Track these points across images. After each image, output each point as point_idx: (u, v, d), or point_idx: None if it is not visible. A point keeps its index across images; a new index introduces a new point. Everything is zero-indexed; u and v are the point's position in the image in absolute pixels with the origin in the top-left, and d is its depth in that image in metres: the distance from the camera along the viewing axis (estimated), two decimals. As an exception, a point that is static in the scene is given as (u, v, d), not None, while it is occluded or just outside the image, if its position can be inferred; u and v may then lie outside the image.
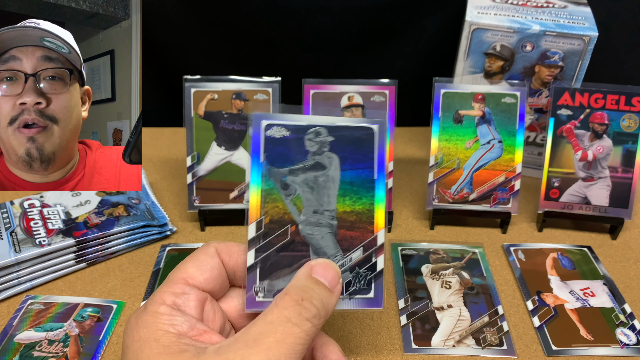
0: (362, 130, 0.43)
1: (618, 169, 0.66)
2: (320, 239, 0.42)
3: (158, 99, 0.95)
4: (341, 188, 0.42)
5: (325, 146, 0.42)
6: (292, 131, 0.42)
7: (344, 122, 0.42)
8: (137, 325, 0.35)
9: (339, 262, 0.42)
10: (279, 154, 0.41)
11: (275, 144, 0.41)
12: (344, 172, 0.42)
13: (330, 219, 0.42)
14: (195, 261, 0.40)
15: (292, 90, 0.68)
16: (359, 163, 0.42)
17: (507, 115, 0.67)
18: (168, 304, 0.36)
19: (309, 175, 0.42)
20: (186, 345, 0.34)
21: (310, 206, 0.42)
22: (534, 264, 0.63)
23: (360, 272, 0.42)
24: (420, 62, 0.91)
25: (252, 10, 0.86)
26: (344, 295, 0.42)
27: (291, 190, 0.42)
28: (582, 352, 0.52)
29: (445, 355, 0.52)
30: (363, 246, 0.42)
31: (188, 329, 0.35)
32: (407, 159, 0.85)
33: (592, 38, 0.67)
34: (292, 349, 0.33)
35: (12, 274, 0.57)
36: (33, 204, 0.65)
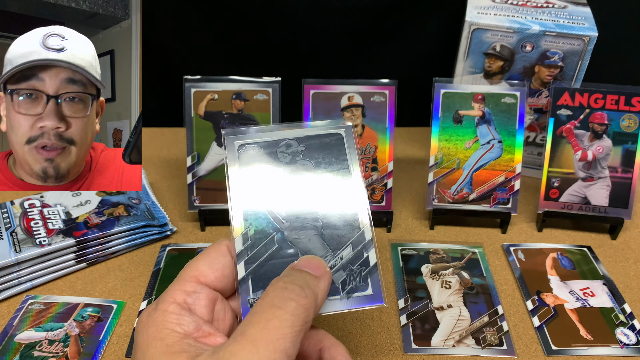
0: (330, 137, 0.44)
1: (618, 169, 0.66)
2: (307, 242, 0.42)
3: (158, 99, 0.95)
4: (320, 190, 0.43)
5: (297, 155, 0.44)
6: (264, 147, 0.44)
7: (312, 132, 0.44)
8: (147, 324, 0.35)
9: (331, 262, 0.42)
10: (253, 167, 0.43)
11: (249, 159, 0.43)
12: (319, 175, 0.44)
13: (314, 221, 0.42)
14: (207, 259, 0.40)
15: (292, 90, 0.68)
16: (333, 165, 0.44)
17: (507, 115, 0.67)
18: (178, 302, 0.36)
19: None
20: (188, 345, 0.34)
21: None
22: (533, 264, 0.63)
23: (354, 269, 0.42)
24: (420, 62, 0.91)
25: (252, 10, 0.86)
26: (341, 294, 0.42)
27: None
28: (582, 352, 0.52)
29: (445, 355, 0.52)
30: (352, 242, 0.42)
31: (194, 330, 0.35)
32: (407, 159, 0.85)
33: (592, 38, 0.67)
34: (278, 332, 0.32)
35: (13, 273, 0.57)
36: (33, 204, 0.65)
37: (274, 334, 0.31)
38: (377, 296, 0.42)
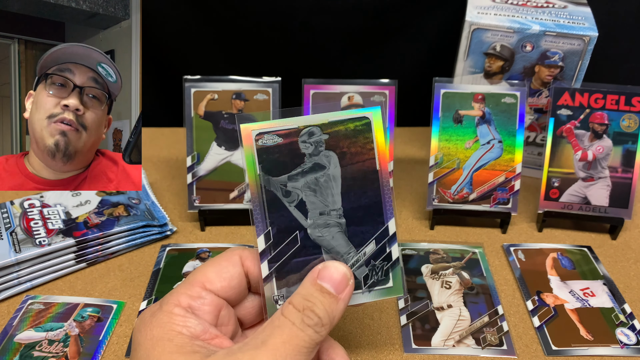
0: (357, 121, 0.41)
1: (618, 169, 0.66)
2: (330, 239, 0.41)
3: (158, 99, 0.95)
4: (344, 185, 0.41)
5: (321, 145, 0.41)
6: (284, 136, 0.40)
7: (336, 117, 0.41)
8: (151, 324, 0.35)
9: (354, 258, 0.41)
10: (274, 162, 0.40)
11: (268, 153, 0.40)
12: (344, 168, 0.41)
13: (337, 218, 0.41)
14: (217, 267, 0.40)
15: (292, 90, 0.68)
16: (358, 156, 0.41)
17: (507, 115, 0.67)
18: (183, 306, 0.37)
19: (309, 178, 0.41)
20: (199, 347, 0.34)
21: (316, 209, 0.41)
22: (533, 264, 0.63)
23: (376, 264, 0.42)
24: (420, 62, 0.91)
25: (252, 10, 0.86)
26: (363, 289, 0.42)
27: (293, 197, 0.41)
28: (582, 352, 0.52)
29: (445, 355, 0.52)
30: (375, 238, 0.42)
31: (201, 332, 0.36)
32: (407, 159, 0.85)
33: (592, 38, 0.67)
34: (297, 350, 0.34)
35: (12, 274, 0.57)
36: (33, 204, 0.65)
37: (293, 350, 0.34)
38: (398, 288, 0.42)
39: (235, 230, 0.69)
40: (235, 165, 0.67)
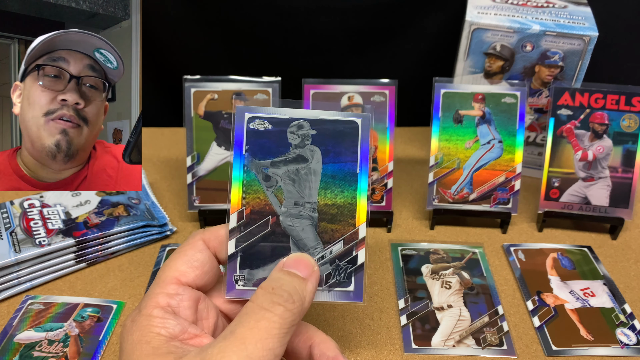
0: (346, 124, 0.43)
1: (618, 169, 0.66)
2: (300, 230, 0.42)
3: (158, 99, 0.95)
4: (323, 181, 0.43)
5: (307, 139, 0.43)
6: (275, 124, 0.43)
7: (327, 116, 0.43)
8: (132, 328, 0.36)
9: (319, 254, 0.42)
10: (261, 146, 0.42)
11: (257, 137, 0.42)
12: (326, 165, 0.43)
13: (311, 211, 0.42)
14: (185, 257, 0.39)
15: (292, 90, 0.68)
16: (341, 156, 0.43)
17: (507, 115, 0.67)
18: (162, 306, 0.37)
19: (290, 168, 0.43)
20: (175, 347, 0.34)
21: (291, 198, 0.42)
22: (534, 264, 0.63)
23: (340, 265, 0.42)
24: (420, 62, 0.91)
25: (252, 10, 0.86)
26: (323, 287, 0.42)
27: (272, 182, 0.42)
28: (582, 352, 0.52)
29: (445, 355, 0.52)
30: (344, 239, 0.42)
31: (179, 332, 0.36)
32: (407, 159, 0.85)
33: (592, 38, 0.67)
34: (266, 333, 0.33)
35: (12, 274, 0.57)
36: (33, 204, 0.65)
37: (262, 334, 0.33)
38: (358, 294, 0.43)
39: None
40: (235, 165, 0.67)
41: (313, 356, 0.40)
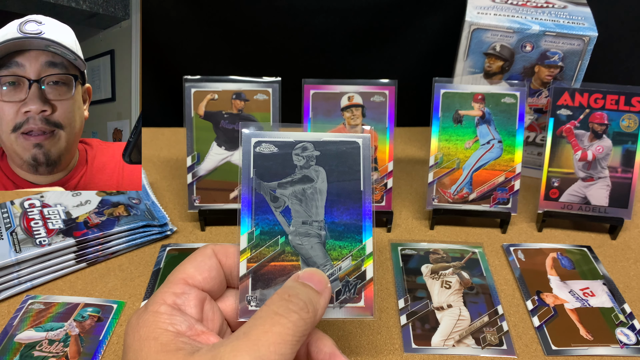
0: (348, 144, 0.45)
1: (618, 169, 0.66)
2: (309, 248, 0.43)
3: (158, 99, 0.95)
4: (328, 200, 0.44)
5: (312, 160, 0.44)
6: (280, 147, 0.44)
7: (330, 137, 0.45)
8: (138, 325, 0.36)
9: (329, 271, 0.43)
10: (267, 169, 0.44)
11: (264, 160, 0.44)
12: (330, 184, 0.44)
13: (318, 230, 0.43)
14: (194, 262, 0.41)
15: (292, 90, 0.68)
16: (345, 175, 0.44)
17: (506, 115, 0.67)
18: (169, 304, 0.37)
19: (297, 188, 0.44)
20: (183, 343, 0.34)
21: (299, 217, 0.44)
22: (533, 264, 0.63)
23: (350, 280, 0.43)
24: (420, 62, 0.91)
25: (252, 10, 0.86)
26: (334, 303, 0.43)
27: (280, 203, 0.44)
28: (581, 352, 0.52)
29: (445, 355, 0.52)
30: (352, 255, 0.43)
31: (187, 329, 0.36)
32: (407, 159, 0.85)
33: (592, 38, 0.67)
34: (280, 338, 0.34)
35: (13, 273, 0.57)
36: (33, 203, 0.65)
37: (276, 338, 0.33)
38: (368, 309, 0.43)
39: (235, 230, 0.68)
40: (235, 165, 0.67)
41: (310, 353, 0.40)
